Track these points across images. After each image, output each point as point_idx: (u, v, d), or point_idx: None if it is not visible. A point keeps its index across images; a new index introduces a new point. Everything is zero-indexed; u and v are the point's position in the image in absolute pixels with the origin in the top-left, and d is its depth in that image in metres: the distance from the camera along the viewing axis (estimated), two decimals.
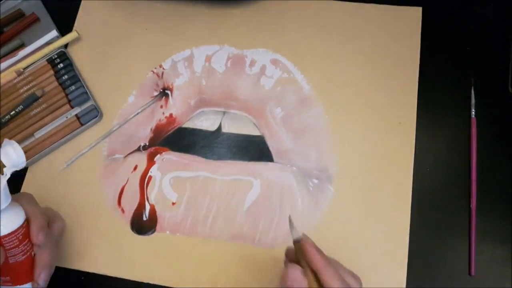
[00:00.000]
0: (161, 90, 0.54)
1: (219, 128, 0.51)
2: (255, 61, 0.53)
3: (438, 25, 0.51)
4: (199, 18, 0.56)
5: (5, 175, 0.40)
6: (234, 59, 0.54)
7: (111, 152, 0.52)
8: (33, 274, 0.42)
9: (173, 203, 0.49)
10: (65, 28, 0.58)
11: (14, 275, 0.41)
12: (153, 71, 0.55)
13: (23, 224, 0.41)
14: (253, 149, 0.50)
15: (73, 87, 0.55)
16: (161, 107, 0.53)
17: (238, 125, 0.51)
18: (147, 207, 0.49)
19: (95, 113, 0.53)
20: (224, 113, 0.52)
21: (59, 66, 0.56)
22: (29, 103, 0.54)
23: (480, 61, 0.50)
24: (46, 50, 0.57)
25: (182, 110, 0.52)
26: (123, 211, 0.50)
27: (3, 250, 0.39)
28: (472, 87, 0.48)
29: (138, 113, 0.53)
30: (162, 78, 0.54)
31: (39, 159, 0.53)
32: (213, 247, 0.47)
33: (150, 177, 0.50)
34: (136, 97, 0.54)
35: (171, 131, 0.52)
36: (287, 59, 0.53)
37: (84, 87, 0.55)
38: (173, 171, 0.50)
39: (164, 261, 0.48)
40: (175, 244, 0.48)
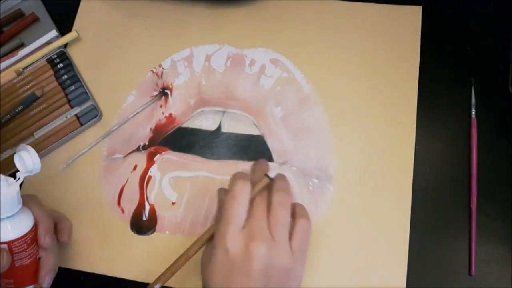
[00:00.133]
0: (160, 90, 0.54)
1: (218, 127, 0.51)
2: (254, 60, 0.53)
3: (438, 24, 0.51)
4: (199, 17, 0.56)
5: (18, 179, 0.40)
6: (234, 58, 0.53)
7: (111, 152, 0.52)
8: (36, 276, 0.42)
9: (173, 203, 0.49)
10: (65, 28, 0.58)
11: (18, 278, 0.41)
12: (152, 71, 0.55)
13: (32, 228, 0.41)
14: (253, 149, 0.50)
15: (72, 87, 0.55)
16: (160, 106, 0.53)
17: (238, 124, 0.51)
18: (147, 207, 0.49)
19: (94, 113, 0.53)
20: (223, 112, 0.52)
21: (58, 66, 0.56)
22: (29, 103, 0.54)
23: (480, 61, 0.50)
24: (45, 50, 0.57)
25: (181, 110, 0.52)
26: (122, 211, 0.50)
27: (8, 256, 0.39)
28: (472, 87, 0.48)
29: (137, 113, 0.53)
30: (161, 77, 0.54)
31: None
32: None
33: (149, 177, 0.50)
34: (136, 96, 0.54)
35: (171, 130, 0.52)
36: (287, 58, 0.52)
37: (83, 87, 0.55)
38: (172, 171, 0.50)
39: (164, 261, 0.47)
40: (175, 244, 0.48)
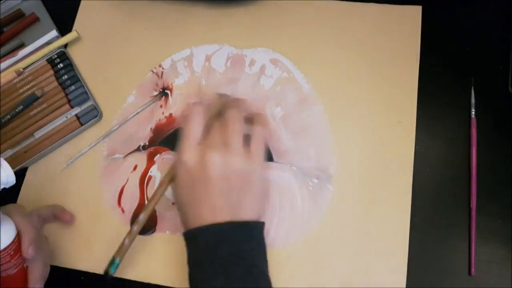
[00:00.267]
0: (160, 90, 0.54)
1: None
2: (254, 60, 0.53)
3: (438, 24, 0.51)
4: (199, 17, 0.56)
5: None
6: (234, 58, 0.53)
7: (111, 152, 0.52)
8: (26, 285, 0.42)
9: (172, 203, 0.49)
10: (65, 28, 0.58)
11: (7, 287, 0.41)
12: (152, 71, 0.55)
13: (14, 239, 0.41)
14: None
15: (73, 87, 0.55)
16: (160, 106, 0.53)
17: None
18: None
19: (95, 113, 0.53)
20: None
21: (59, 66, 0.56)
22: (29, 103, 0.54)
23: (480, 61, 0.50)
24: (46, 50, 0.57)
25: (182, 110, 0.52)
26: (123, 211, 0.50)
27: None
28: (472, 87, 0.48)
29: (137, 113, 0.53)
30: (161, 77, 0.54)
31: (39, 159, 0.53)
32: None
33: (150, 177, 0.50)
34: (136, 97, 0.54)
35: (171, 131, 0.52)
36: (286, 58, 0.52)
37: (84, 87, 0.55)
38: None
39: (164, 261, 0.47)
40: (175, 244, 0.48)
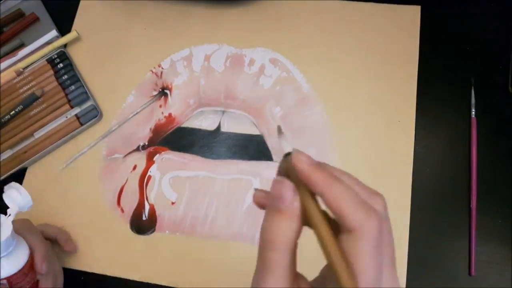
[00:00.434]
0: (160, 90, 0.54)
1: (218, 127, 0.51)
2: (254, 60, 0.53)
3: (438, 24, 0.51)
4: (198, 17, 0.56)
5: (9, 216, 0.40)
6: (233, 58, 0.53)
7: (111, 152, 0.52)
8: None
9: (172, 203, 0.49)
10: (65, 28, 0.58)
11: None
12: (152, 71, 0.55)
13: (28, 259, 0.41)
14: (253, 148, 0.50)
15: (72, 87, 0.55)
16: (160, 106, 0.53)
17: (237, 124, 0.51)
18: (147, 206, 0.49)
19: (95, 113, 0.53)
20: (223, 112, 0.52)
21: (59, 66, 0.56)
22: (29, 103, 0.54)
23: (480, 61, 0.50)
24: (46, 50, 0.57)
25: (181, 110, 0.52)
26: (122, 210, 0.50)
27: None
28: (472, 87, 0.48)
29: (137, 113, 0.53)
30: (161, 77, 0.54)
31: (39, 159, 0.53)
32: (212, 246, 0.47)
33: (149, 176, 0.50)
34: (135, 96, 0.54)
35: (170, 130, 0.52)
36: (286, 58, 0.52)
37: (84, 87, 0.55)
38: (172, 171, 0.50)
39: (164, 260, 0.47)
40: (175, 244, 0.48)
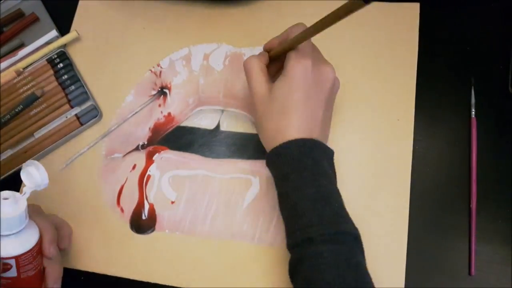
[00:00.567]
0: (159, 89, 0.54)
1: (217, 126, 0.51)
2: None
3: (438, 24, 0.51)
4: (197, 16, 0.56)
5: (25, 194, 0.40)
6: (232, 57, 0.53)
7: (110, 152, 0.52)
8: (41, 286, 0.42)
9: (172, 202, 0.49)
10: (64, 28, 0.58)
11: None
12: (151, 70, 0.55)
13: (38, 241, 0.41)
14: (252, 147, 0.50)
15: (72, 87, 0.55)
16: (159, 106, 0.53)
17: (237, 123, 0.51)
18: (146, 206, 0.49)
19: (95, 113, 0.53)
20: (222, 111, 0.52)
21: (58, 66, 0.56)
22: (29, 103, 0.54)
23: (480, 61, 0.50)
24: (45, 50, 0.57)
25: (180, 109, 0.52)
26: (122, 210, 0.50)
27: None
28: (472, 87, 0.48)
29: (136, 112, 0.53)
30: (160, 77, 0.54)
31: (38, 159, 0.53)
32: (212, 245, 0.47)
33: (149, 176, 0.50)
34: (134, 96, 0.54)
35: (170, 130, 0.52)
36: None
37: (83, 87, 0.55)
38: (172, 170, 0.50)
39: (164, 260, 0.47)
40: (175, 243, 0.48)
